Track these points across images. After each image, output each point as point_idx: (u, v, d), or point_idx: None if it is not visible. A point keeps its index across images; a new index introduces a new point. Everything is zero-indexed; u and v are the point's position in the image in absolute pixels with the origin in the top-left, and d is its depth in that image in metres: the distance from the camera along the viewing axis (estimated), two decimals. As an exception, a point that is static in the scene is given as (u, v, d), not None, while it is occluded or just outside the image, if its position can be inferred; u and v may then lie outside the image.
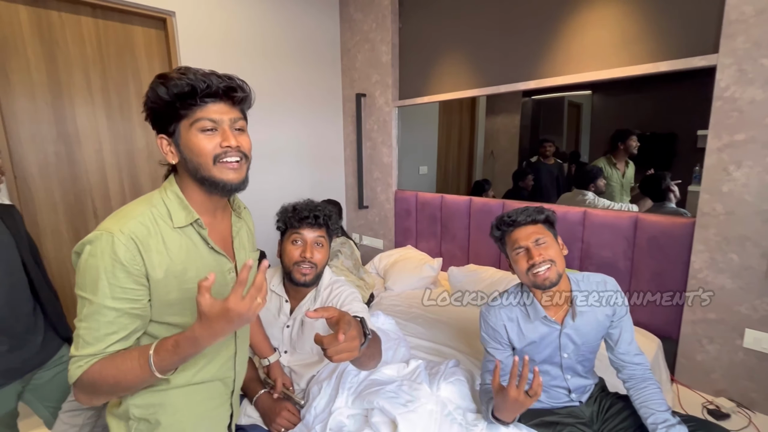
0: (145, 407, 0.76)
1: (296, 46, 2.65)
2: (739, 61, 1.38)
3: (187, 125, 0.71)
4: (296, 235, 1.19)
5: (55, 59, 1.86)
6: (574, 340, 1.11)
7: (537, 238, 1.05)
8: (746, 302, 1.45)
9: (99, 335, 0.66)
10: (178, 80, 0.69)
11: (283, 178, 2.71)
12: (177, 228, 0.74)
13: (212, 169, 0.73)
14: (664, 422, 0.95)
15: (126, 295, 0.68)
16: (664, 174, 1.70)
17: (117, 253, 0.66)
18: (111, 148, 2.05)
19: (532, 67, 1.97)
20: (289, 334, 1.24)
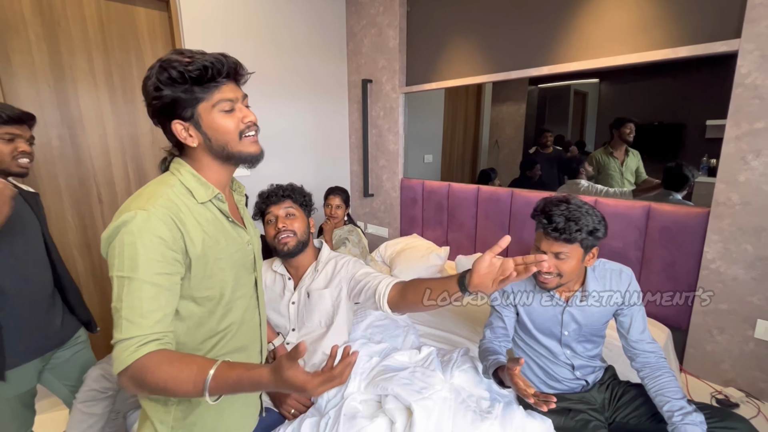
0: None
1: (301, 30, 2.59)
2: (762, 46, 1.34)
3: (207, 107, 0.73)
4: (269, 215, 1.29)
5: (57, 40, 1.82)
6: (577, 320, 1.13)
7: (560, 253, 1.02)
8: (759, 293, 1.44)
9: (143, 312, 0.64)
10: (193, 63, 0.69)
11: (287, 166, 2.68)
12: (200, 203, 0.75)
13: (238, 145, 0.77)
14: (680, 409, 0.95)
15: (165, 270, 0.67)
16: (682, 163, 1.66)
17: (155, 228, 0.66)
18: (115, 132, 2.02)
19: (546, 52, 1.92)
20: (295, 309, 1.28)
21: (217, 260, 0.76)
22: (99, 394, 1.26)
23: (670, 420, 0.95)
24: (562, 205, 1.03)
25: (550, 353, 1.17)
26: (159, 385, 0.62)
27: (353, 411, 0.99)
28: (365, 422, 0.94)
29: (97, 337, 1.50)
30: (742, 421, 0.96)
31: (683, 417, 0.93)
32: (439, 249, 2.29)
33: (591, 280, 1.11)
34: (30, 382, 1.20)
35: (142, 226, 0.66)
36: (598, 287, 1.11)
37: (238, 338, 0.83)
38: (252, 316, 0.88)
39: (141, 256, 0.65)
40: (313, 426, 0.96)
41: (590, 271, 1.12)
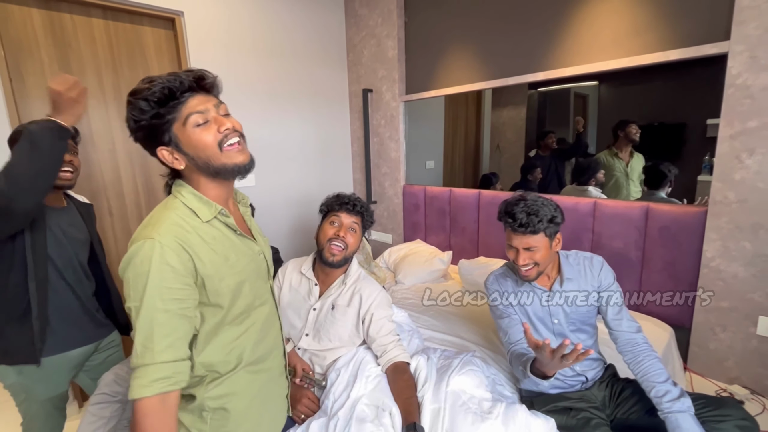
0: (219, 398, 0.79)
1: (302, 43, 2.66)
2: (751, 47, 1.37)
3: (180, 126, 0.72)
4: (335, 217, 1.33)
5: (68, 61, 1.89)
6: (563, 307, 1.19)
7: (529, 246, 1.13)
8: (759, 290, 1.45)
9: (153, 338, 0.66)
10: (152, 88, 0.70)
11: (291, 175, 2.73)
12: (205, 222, 0.76)
13: (221, 157, 0.74)
14: (666, 394, 0.98)
15: (173, 296, 0.68)
16: (667, 165, 1.70)
17: (161, 256, 0.67)
18: (123, 147, 2.09)
19: (541, 58, 1.96)
20: (315, 317, 1.30)
21: (231, 275, 0.77)
22: (109, 397, 1.29)
23: (659, 407, 0.98)
24: (520, 203, 1.15)
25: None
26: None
27: (362, 415, 1.01)
28: (372, 427, 0.97)
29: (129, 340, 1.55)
30: (736, 407, 0.97)
31: (671, 404, 0.96)
32: (442, 254, 2.32)
33: (565, 266, 1.21)
34: (62, 384, 1.28)
35: (150, 254, 0.67)
36: (572, 272, 1.20)
37: (263, 346, 0.85)
38: (273, 322, 0.91)
39: (149, 284, 0.66)
40: (321, 427, 0.99)
41: (564, 259, 1.22)
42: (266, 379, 0.87)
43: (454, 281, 2.25)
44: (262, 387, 0.86)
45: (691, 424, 0.92)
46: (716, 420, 0.96)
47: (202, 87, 0.75)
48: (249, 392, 0.82)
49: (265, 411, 0.87)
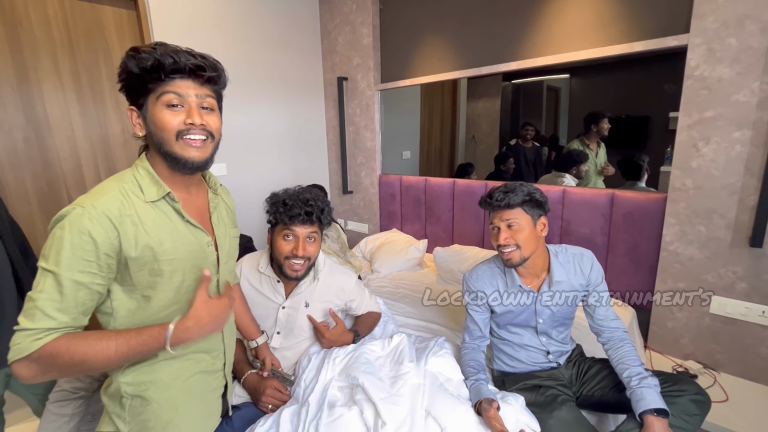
0: (136, 384, 0.77)
1: (274, 28, 2.59)
2: (708, 40, 1.44)
3: (153, 99, 0.72)
4: (287, 230, 1.15)
5: (20, 42, 1.76)
6: (550, 308, 1.19)
7: (509, 220, 1.11)
8: (713, 271, 1.55)
9: (60, 307, 0.65)
10: (147, 54, 0.70)
11: (265, 165, 2.67)
12: (149, 202, 0.74)
13: (174, 145, 0.73)
14: (637, 375, 1.03)
15: (90, 269, 0.67)
16: (642, 155, 1.77)
17: (86, 227, 0.66)
18: (84, 134, 1.98)
19: (514, 48, 1.99)
20: (285, 315, 1.24)
21: (162, 261, 0.74)
22: (70, 394, 1.24)
23: (629, 385, 1.03)
24: (500, 186, 1.17)
25: (526, 341, 1.23)
26: (75, 361, 0.64)
27: (333, 399, 1.01)
28: (343, 410, 0.97)
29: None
30: (691, 383, 1.04)
31: (640, 381, 1.01)
32: (418, 242, 2.34)
33: (555, 266, 1.17)
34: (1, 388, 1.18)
35: (75, 222, 0.66)
36: (562, 274, 1.17)
37: (194, 343, 0.81)
38: None
39: (66, 251, 0.65)
40: (293, 414, 0.98)
41: (554, 257, 1.18)
42: (194, 372, 0.83)
43: (430, 269, 2.28)
44: (188, 380, 0.82)
45: (653, 396, 0.97)
46: (674, 395, 1.03)
47: (197, 75, 0.74)
48: (171, 383, 0.80)
49: (190, 406, 0.83)
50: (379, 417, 0.92)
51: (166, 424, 0.80)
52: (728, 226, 1.49)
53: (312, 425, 0.93)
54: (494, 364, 1.30)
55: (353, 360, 1.10)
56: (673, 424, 0.97)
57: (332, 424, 0.92)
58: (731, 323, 1.54)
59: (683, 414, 0.99)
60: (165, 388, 0.79)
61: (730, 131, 1.44)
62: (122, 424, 0.77)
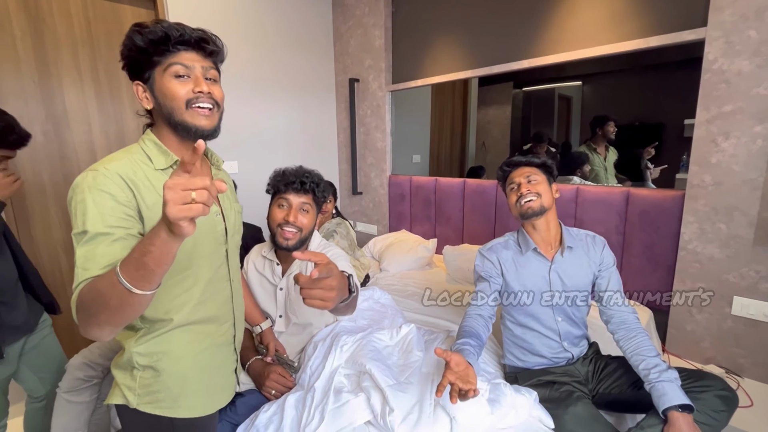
0: (149, 355, 0.76)
1: (289, 31, 2.63)
2: (726, 33, 1.41)
3: (161, 71, 0.74)
4: (282, 199, 1.23)
5: (42, 36, 1.82)
6: (562, 279, 1.19)
7: (529, 175, 1.22)
8: (734, 270, 1.49)
9: (94, 257, 0.65)
10: (152, 28, 0.72)
11: (276, 163, 2.66)
12: (159, 170, 0.76)
13: (184, 114, 0.75)
14: (655, 367, 0.99)
15: (117, 223, 0.67)
16: (641, 153, 1.74)
17: (103, 185, 0.68)
18: (101, 129, 2.02)
19: (526, 47, 1.99)
20: (283, 297, 1.26)
21: None
22: (83, 382, 1.24)
23: (647, 378, 0.98)
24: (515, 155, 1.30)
25: (540, 324, 1.19)
26: (95, 301, 0.61)
27: (340, 385, 0.99)
28: (350, 396, 0.95)
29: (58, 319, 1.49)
30: (716, 379, 0.99)
31: (659, 374, 0.96)
32: (427, 242, 2.31)
33: (567, 236, 1.23)
34: (12, 366, 1.22)
35: (91, 183, 0.68)
36: (574, 242, 1.22)
37: (206, 309, 0.81)
38: (222, 288, 0.86)
39: (91, 209, 0.66)
40: (298, 401, 0.96)
41: (565, 230, 1.24)
42: (206, 345, 0.83)
43: (439, 269, 2.25)
44: (201, 353, 0.82)
45: (676, 391, 0.93)
46: (698, 390, 0.98)
47: (201, 48, 0.77)
48: (183, 354, 0.79)
49: (203, 379, 0.82)
50: (386, 404, 0.89)
51: (176, 397, 0.79)
52: (750, 224, 1.44)
53: (317, 411, 0.90)
54: (506, 360, 1.26)
55: (361, 348, 1.08)
56: (698, 420, 0.92)
57: (338, 410, 0.90)
58: (755, 325, 1.47)
59: (709, 410, 0.94)
60: (177, 359, 0.78)
61: (751, 125, 1.40)
62: (132, 396, 0.76)
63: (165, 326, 0.76)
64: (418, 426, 0.88)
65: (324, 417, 0.89)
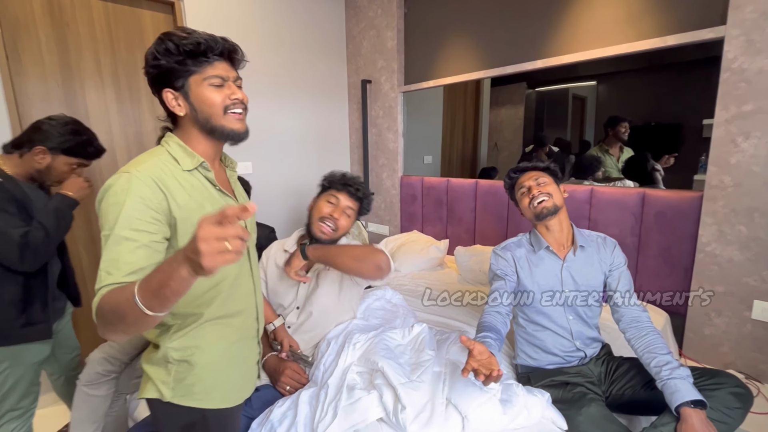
0: (183, 350, 0.79)
1: (302, 33, 2.67)
2: (747, 31, 1.38)
3: (198, 80, 0.77)
4: (333, 196, 1.31)
5: (66, 41, 1.88)
6: (574, 277, 1.20)
7: (537, 178, 1.25)
8: (754, 273, 1.46)
9: (118, 263, 0.66)
10: (190, 39, 0.75)
11: (289, 165, 2.72)
12: (186, 171, 0.79)
13: (222, 119, 0.80)
14: (666, 364, 0.98)
15: (143, 228, 0.69)
16: (647, 155, 1.71)
17: (136, 188, 0.70)
18: (121, 130, 2.08)
19: (539, 46, 1.97)
20: (305, 290, 1.30)
21: None
22: (101, 376, 1.28)
23: (658, 375, 0.97)
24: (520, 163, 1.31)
25: (552, 322, 1.19)
26: (117, 314, 0.61)
27: (352, 383, 1.00)
28: (362, 393, 0.96)
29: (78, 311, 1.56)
30: (730, 376, 0.98)
31: (670, 372, 0.96)
32: (439, 242, 2.31)
33: (579, 236, 1.24)
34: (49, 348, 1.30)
35: (125, 186, 0.69)
36: (585, 241, 1.24)
37: (233, 303, 0.84)
38: (245, 282, 0.90)
39: (121, 213, 0.68)
40: (311, 397, 0.98)
41: (577, 231, 1.26)
42: (235, 339, 0.86)
43: (451, 269, 2.25)
44: (230, 346, 0.85)
45: (688, 388, 0.92)
46: (711, 388, 0.97)
47: (231, 58, 0.82)
48: (215, 348, 0.82)
49: (231, 370, 0.86)
50: (399, 401, 0.90)
51: (209, 389, 0.81)
52: (771, 226, 1.40)
53: (331, 407, 0.92)
54: (518, 359, 1.26)
55: (373, 346, 1.09)
56: (712, 417, 0.91)
57: (351, 406, 0.91)
58: (776, 330, 1.44)
59: (723, 407, 0.93)
60: (209, 352, 0.81)
61: (773, 125, 1.37)
62: (167, 389, 0.78)
63: (196, 320, 0.79)
64: (430, 424, 0.88)
65: (337, 413, 0.90)
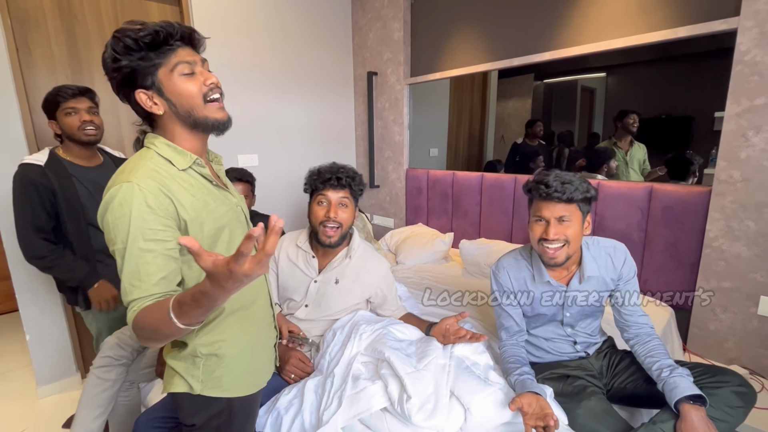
0: (211, 344, 0.80)
1: (308, 25, 2.65)
2: (761, 23, 1.35)
3: (166, 72, 0.73)
4: (321, 196, 1.26)
5: (74, 34, 1.90)
6: (578, 303, 1.14)
7: (562, 216, 1.02)
8: (762, 269, 1.44)
9: (140, 275, 0.66)
10: (144, 31, 0.69)
11: (294, 157, 2.73)
12: (182, 170, 0.76)
13: (204, 109, 0.76)
14: (668, 366, 0.98)
15: (157, 237, 0.68)
16: (693, 155, 1.67)
17: (141, 197, 0.67)
18: (128, 120, 2.10)
19: (547, 38, 1.95)
20: (316, 289, 1.29)
21: (212, 220, 0.77)
22: (113, 360, 1.31)
23: (659, 377, 0.97)
24: (552, 173, 1.05)
25: (554, 334, 1.19)
26: (153, 331, 0.64)
27: (357, 372, 1.02)
28: (367, 383, 0.98)
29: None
30: (734, 375, 0.98)
31: (671, 372, 0.96)
32: (444, 236, 2.32)
33: (587, 260, 1.10)
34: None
35: (130, 196, 0.67)
36: (594, 268, 1.10)
37: (247, 294, 0.85)
38: None
39: (131, 225, 0.66)
40: (317, 385, 1.00)
41: (585, 249, 1.11)
42: (256, 328, 0.88)
43: (455, 263, 2.26)
44: (252, 335, 0.87)
45: (687, 384, 0.92)
46: (714, 386, 0.96)
47: (191, 41, 0.77)
48: (239, 339, 0.83)
49: (255, 358, 0.88)
50: (404, 391, 0.92)
51: (237, 378, 0.83)
52: (781, 222, 1.39)
53: (336, 396, 0.94)
54: None
55: (380, 336, 1.11)
56: (714, 416, 0.91)
57: (356, 396, 0.93)
58: (782, 326, 1.43)
59: (725, 406, 0.93)
60: (236, 343, 0.82)
61: (785, 119, 1.35)
62: (196, 382, 0.79)
63: (218, 315, 0.80)
64: (433, 415, 0.90)
65: (342, 402, 0.92)
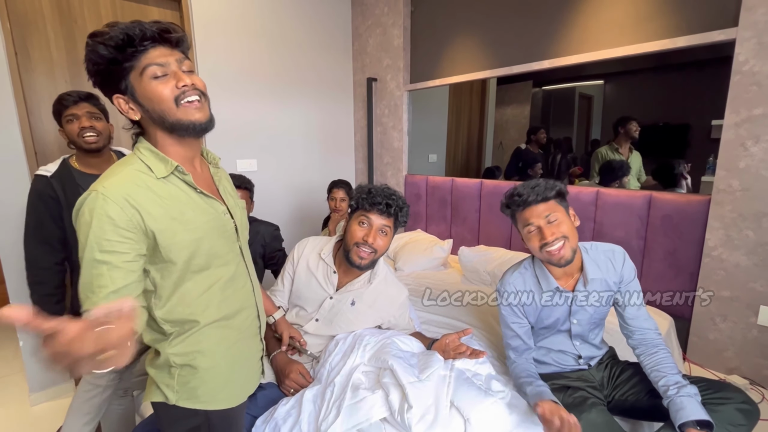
0: (184, 355, 0.78)
1: (308, 31, 2.66)
2: (759, 33, 1.36)
3: (137, 76, 0.71)
4: (364, 217, 1.21)
5: (74, 37, 1.89)
6: (585, 308, 1.13)
7: (548, 215, 1.05)
8: (762, 279, 1.44)
9: (92, 288, 0.65)
10: (111, 33, 0.68)
11: (293, 162, 2.73)
12: (160, 179, 0.74)
13: (177, 113, 0.72)
14: (675, 384, 0.96)
15: (113, 248, 0.66)
16: (678, 161, 1.68)
17: (102, 208, 0.66)
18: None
19: (547, 46, 1.96)
20: (330, 306, 1.25)
21: (186, 231, 0.74)
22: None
23: (666, 394, 0.96)
24: (517, 186, 1.11)
25: (558, 345, 1.18)
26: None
27: (358, 382, 1.01)
28: (367, 393, 0.96)
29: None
30: (737, 391, 0.96)
31: (678, 389, 0.94)
32: (442, 242, 2.31)
33: (588, 262, 1.12)
34: None
35: (92, 206, 0.66)
36: (596, 271, 1.11)
37: (230, 304, 0.83)
38: (243, 283, 0.88)
39: (89, 235, 0.66)
40: (316, 395, 0.98)
41: (585, 254, 1.13)
42: (236, 339, 0.85)
43: (454, 269, 2.25)
44: (232, 346, 0.84)
45: (695, 406, 0.90)
46: (717, 402, 0.95)
47: (166, 40, 0.73)
48: (216, 350, 0.81)
49: (234, 370, 0.85)
50: (405, 401, 0.91)
51: (214, 390, 0.81)
52: (780, 231, 1.39)
53: (335, 406, 0.92)
54: None
55: (384, 345, 1.10)
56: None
57: (355, 406, 0.92)
58: (782, 336, 1.43)
59: (728, 424, 0.92)
60: (211, 355, 0.80)
61: (783, 129, 1.35)
62: (171, 393, 0.78)
63: (193, 327, 0.78)
64: (434, 425, 0.89)
65: (340, 412, 0.91)
